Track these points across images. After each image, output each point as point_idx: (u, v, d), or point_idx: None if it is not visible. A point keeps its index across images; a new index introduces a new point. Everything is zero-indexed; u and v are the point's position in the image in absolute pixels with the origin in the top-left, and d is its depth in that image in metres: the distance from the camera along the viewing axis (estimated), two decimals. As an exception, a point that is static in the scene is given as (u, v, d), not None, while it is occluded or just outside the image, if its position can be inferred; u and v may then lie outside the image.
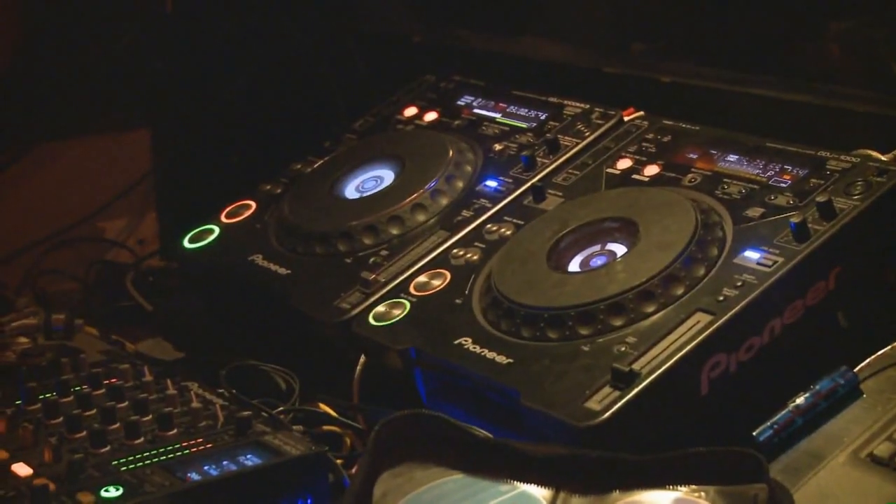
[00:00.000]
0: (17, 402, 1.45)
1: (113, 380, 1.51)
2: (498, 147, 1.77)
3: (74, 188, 2.17)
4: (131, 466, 1.31)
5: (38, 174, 2.13)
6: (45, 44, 2.15)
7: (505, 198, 1.66)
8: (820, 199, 1.41)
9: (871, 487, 1.18)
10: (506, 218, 1.62)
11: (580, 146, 1.70)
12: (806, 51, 2.47)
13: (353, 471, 1.25)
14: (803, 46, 2.46)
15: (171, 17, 2.26)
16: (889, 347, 1.37)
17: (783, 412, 1.28)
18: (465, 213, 1.66)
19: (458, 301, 1.49)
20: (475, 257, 1.56)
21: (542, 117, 1.80)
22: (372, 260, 1.62)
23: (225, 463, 1.32)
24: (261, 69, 2.24)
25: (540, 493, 1.16)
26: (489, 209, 1.65)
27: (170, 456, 1.34)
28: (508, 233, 1.58)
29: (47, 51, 2.15)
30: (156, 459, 1.33)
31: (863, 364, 1.35)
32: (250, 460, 1.32)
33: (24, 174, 2.12)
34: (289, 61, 2.25)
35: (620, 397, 1.25)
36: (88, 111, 2.20)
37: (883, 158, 1.48)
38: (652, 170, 1.60)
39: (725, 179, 1.52)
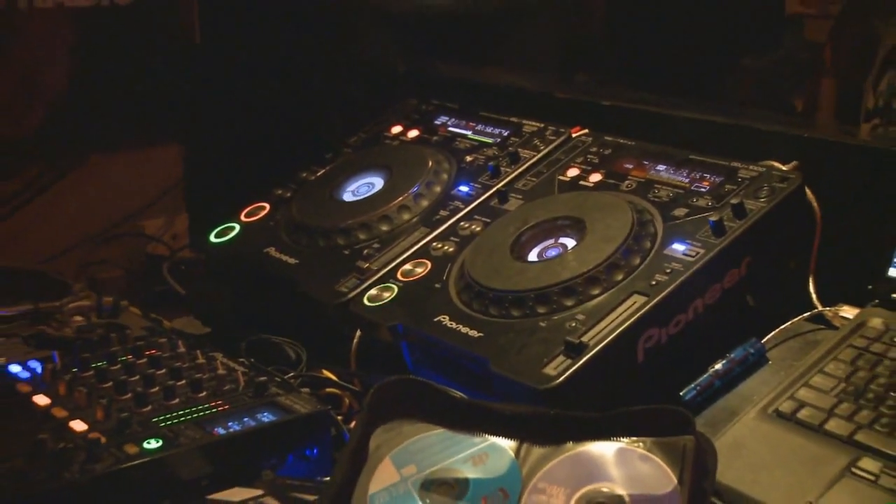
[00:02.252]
0: (74, 370, 1.43)
1: (153, 351, 1.49)
2: (469, 158, 1.76)
3: (120, 192, 2.16)
4: (169, 423, 1.31)
5: (90, 181, 2.12)
6: (94, 72, 2.14)
7: (475, 200, 1.65)
8: (733, 201, 1.42)
9: (777, 437, 1.19)
10: (476, 217, 1.61)
11: (536, 158, 1.70)
12: (722, 81, 2.48)
13: (352, 426, 1.24)
14: (720, 77, 2.46)
15: (199, 48, 2.25)
16: (790, 323, 1.39)
17: (704, 376, 1.30)
18: (443, 213, 1.65)
19: (437, 285, 1.49)
20: (451, 249, 1.55)
21: (505, 134, 1.79)
22: (365, 251, 1.61)
23: (245, 420, 1.31)
24: (274, 93, 2.24)
25: (507, 444, 1.15)
26: (462, 209, 1.64)
27: (200, 414, 1.33)
28: (478, 229, 1.58)
29: (96, 78, 2.14)
30: (189, 417, 1.32)
31: (769, 336, 1.38)
32: (266, 417, 1.32)
33: (80, 181, 2.11)
34: (297, 87, 2.25)
35: (572, 364, 1.26)
36: (131, 128, 2.19)
37: (784, 168, 1.48)
38: (596, 177, 1.60)
39: (656, 185, 1.52)
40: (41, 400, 1.36)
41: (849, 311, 1.38)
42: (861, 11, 2.45)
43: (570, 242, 1.46)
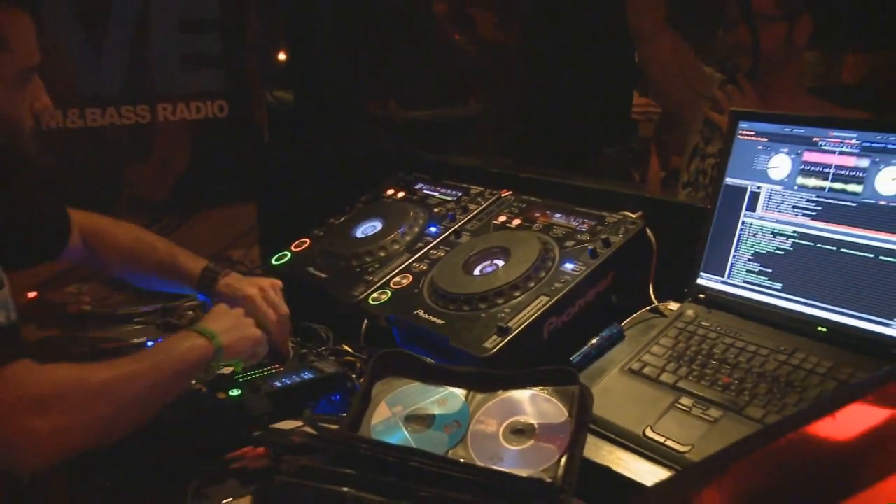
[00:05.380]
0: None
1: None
2: (436, 210, 1.72)
3: (217, 233, 2.13)
4: (245, 378, 1.28)
5: (200, 225, 2.09)
6: (203, 158, 2.13)
7: (440, 236, 1.61)
8: (602, 236, 1.41)
9: (630, 385, 1.19)
10: (441, 247, 1.57)
11: (479, 209, 1.66)
12: (591, 161, 2.48)
13: (361, 381, 1.21)
14: (589, 160, 2.47)
15: (267, 145, 2.23)
16: (638, 313, 1.37)
17: (585, 347, 1.28)
18: (419, 244, 1.60)
19: (416, 291, 1.45)
20: (424, 267, 1.52)
21: (459, 194, 1.76)
22: (370, 269, 1.57)
23: (293, 377, 1.29)
24: (312, 171, 2.24)
25: (460, 392, 1.14)
26: (432, 242, 1.60)
27: (265, 373, 1.30)
28: (442, 255, 1.54)
29: (204, 161, 2.13)
30: (257, 375, 1.29)
31: (625, 321, 1.35)
32: (307, 375, 1.30)
33: (194, 226, 2.09)
34: (327, 166, 2.23)
35: (501, 341, 1.24)
36: (224, 193, 2.17)
37: (633, 216, 1.46)
38: (517, 221, 1.56)
39: (555, 227, 1.50)
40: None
41: (674, 306, 1.36)
42: (673, 121, 2.48)
43: (501, 263, 1.43)
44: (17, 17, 1.10)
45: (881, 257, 1.14)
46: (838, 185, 1.20)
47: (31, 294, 1.43)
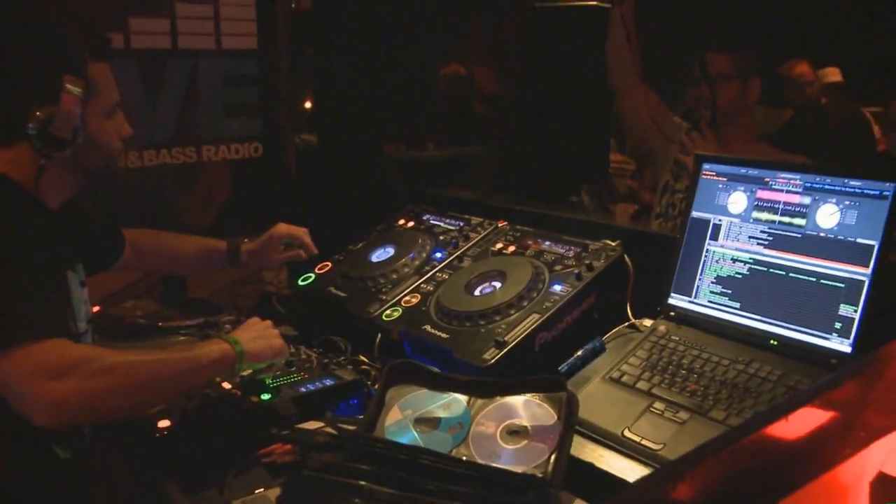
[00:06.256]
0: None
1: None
2: (441, 237, 1.73)
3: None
4: (275, 384, 1.27)
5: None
6: (240, 192, 2.15)
7: (445, 261, 1.62)
8: (586, 261, 1.41)
9: (610, 392, 1.19)
10: (445, 270, 1.58)
11: (479, 237, 1.67)
12: (573, 199, 2.50)
13: (376, 387, 1.21)
14: (571, 197, 2.49)
15: (294, 181, 2.25)
16: (617, 328, 1.37)
17: (571, 358, 1.28)
18: (426, 268, 1.61)
19: (423, 308, 1.46)
20: (431, 288, 1.52)
21: (461, 224, 1.77)
22: (384, 289, 1.57)
23: (317, 383, 1.28)
24: (332, 201, 2.25)
25: (462, 397, 1.14)
26: (437, 266, 1.61)
27: (291, 380, 1.30)
28: (447, 277, 1.55)
29: (241, 195, 2.15)
30: (285, 381, 1.29)
31: (606, 336, 1.35)
32: (328, 382, 1.29)
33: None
34: (345, 200, 2.24)
35: (499, 353, 1.24)
36: (257, 223, 2.18)
37: (612, 244, 1.47)
38: (511, 248, 1.57)
39: (545, 253, 1.50)
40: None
41: (648, 322, 1.36)
42: (645, 162, 2.50)
43: (498, 285, 1.44)
44: (100, 67, 1.21)
45: (822, 281, 1.16)
46: (786, 219, 1.22)
47: (95, 308, 1.44)
